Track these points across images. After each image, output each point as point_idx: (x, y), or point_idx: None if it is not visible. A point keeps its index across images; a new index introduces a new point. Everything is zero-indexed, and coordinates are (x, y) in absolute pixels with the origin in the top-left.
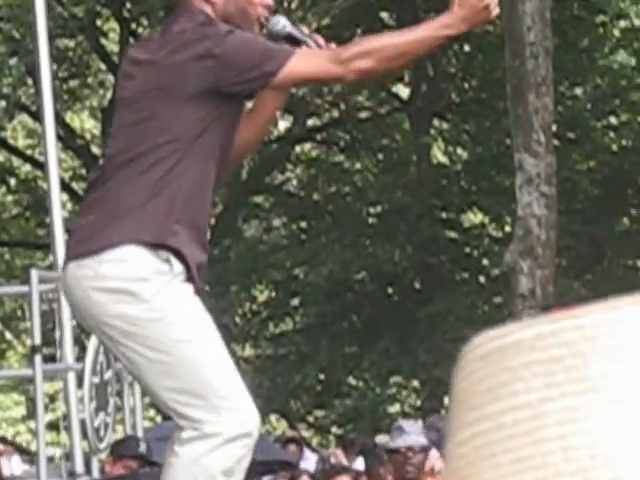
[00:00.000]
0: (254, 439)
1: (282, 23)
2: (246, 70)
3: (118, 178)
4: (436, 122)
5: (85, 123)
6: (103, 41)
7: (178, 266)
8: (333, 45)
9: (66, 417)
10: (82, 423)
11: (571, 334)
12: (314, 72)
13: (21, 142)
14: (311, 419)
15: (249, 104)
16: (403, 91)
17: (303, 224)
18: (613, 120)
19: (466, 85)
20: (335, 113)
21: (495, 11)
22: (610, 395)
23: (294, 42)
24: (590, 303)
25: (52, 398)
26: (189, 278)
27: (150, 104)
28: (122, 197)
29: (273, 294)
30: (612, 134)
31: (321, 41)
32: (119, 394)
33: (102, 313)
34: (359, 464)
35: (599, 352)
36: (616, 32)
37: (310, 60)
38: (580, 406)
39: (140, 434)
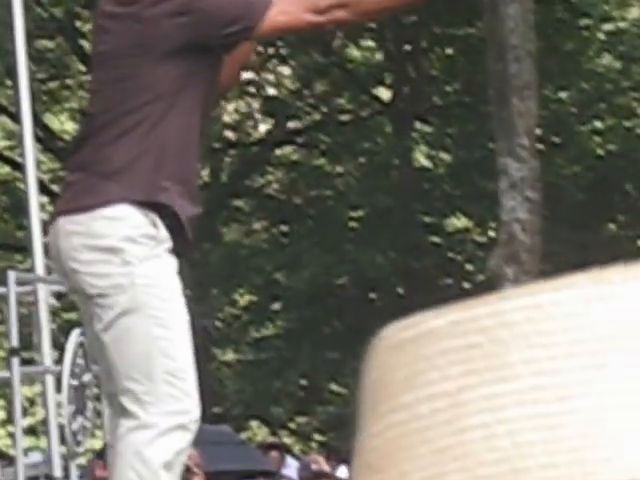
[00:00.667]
0: (192, 433)
1: None
2: (225, 25)
3: (104, 137)
4: (418, 125)
5: (65, 125)
6: (82, 42)
7: (163, 231)
8: None
9: (44, 421)
10: (61, 427)
11: (488, 320)
12: (292, 22)
13: (0, 143)
14: (293, 426)
15: None
16: (385, 94)
17: (284, 228)
18: (598, 124)
19: (449, 88)
20: (316, 116)
21: None
22: (531, 382)
23: None
24: None
25: (31, 402)
26: (177, 239)
27: (128, 61)
28: (110, 156)
29: (254, 298)
30: (597, 138)
31: None
32: (98, 398)
33: (87, 271)
34: (342, 472)
35: (518, 338)
36: (601, 35)
37: (288, 10)
38: (501, 393)
39: None
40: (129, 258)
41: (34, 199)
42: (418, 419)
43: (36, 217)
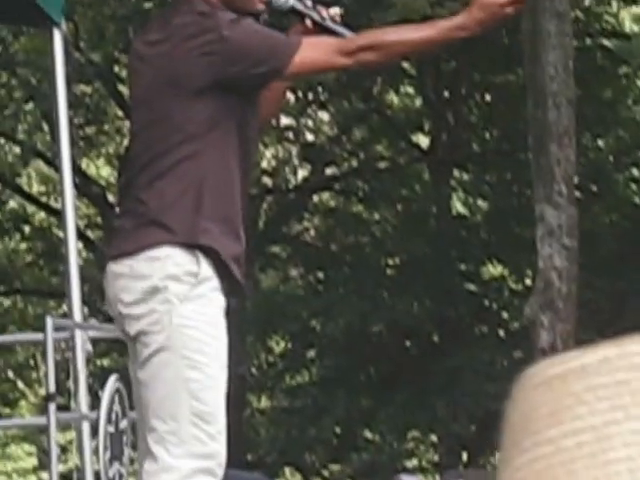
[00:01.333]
0: (218, 478)
1: None
2: (252, 66)
3: (142, 181)
4: (456, 173)
5: (101, 170)
6: (120, 87)
7: (207, 269)
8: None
9: (79, 469)
10: (96, 475)
11: (638, 357)
12: (321, 64)
13: (35, 188)
14: (326, 473)
15: None
16: (423, 141)
17: (320, 275)
18: (635, 172)
19: (487, 135)
20: (354, 163)
21: (511, 9)
22: None
23: (298, 15)
24: None
25: (64, 449)
26: (223, 279)
27: (161, 103)
28: (148, 200)
29: (289, 345)
30: (634, 187)
31: (325, 13)
32: (134, 446)
33: (131, 311)
34: None
35: None
36: (639, 83)
37: (316, 52)
38: None
39: None
40: (170, 297)
41: (72, 245)
42: (563, 452)
43: (74, 263)
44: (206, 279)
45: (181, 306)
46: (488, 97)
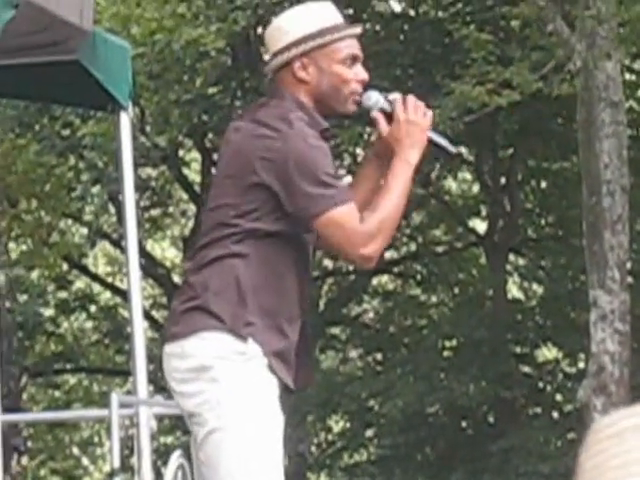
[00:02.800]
0: None
1: (374, 99)
2: (290, 195)
3: (195, 265)
4: (512, 257)
5: (166, 252)
6: (185, 171)
7: (255, 347)
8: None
9: None
10: None
11: None
12: (343, 237)
13: (101, 269)
14: None
15: None
16: (480, 226)
17: (379, 356)
18: None
19: (542, 221)
20: (412, 246)
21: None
22: None
23: (386, 115)
24: None
25: None
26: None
27: (221, 191)
28: (197, 286)
29: (348, 424)
30: None
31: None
32: None
33: (182, 390)
34: None
35: None
36: None
37: (351, 221)
38: None
39: None
40: (217, 375)
41: (138, 324)
42: None
43: (140, 341)
44: (254, 357)
45: (228, 384)
46: (544, 184)
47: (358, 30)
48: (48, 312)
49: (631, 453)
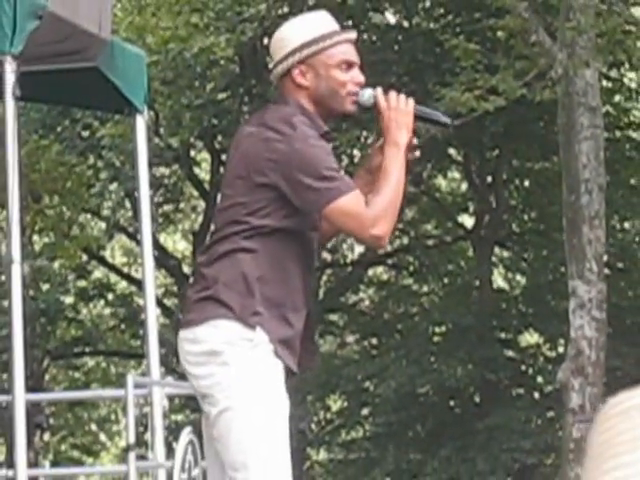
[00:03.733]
0: None
1: (367, 95)
2: (297, 192)
3: (207, 258)
4: (497, 250)
5: (177, 244)
6: (196, 170)
7: (262, 335)
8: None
9: None
10: None
11: None
12: (356, 227)
13: (118, 260)
14: None
15: None
16: (468, 221)
17: (374, 341)
18: None
19: (526, 217)
20: (405, 240)
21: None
22: None
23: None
24: None
25: None
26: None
27: (232, 191)
28: (209, 277)
29: (345, 404)
30: None
31: (388, 97)
32: None
33: (195, 373)
34: None
35: None
36: None
37: (358, 206)
38: None
39: None
40: (227, 360)
41: (151, 311)
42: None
43: (153, 327)
44: (261, 343)
45: (237, 367)
46: (527, 182)
47: (352, 35)
48: (68, 300)
49: (637, 429)
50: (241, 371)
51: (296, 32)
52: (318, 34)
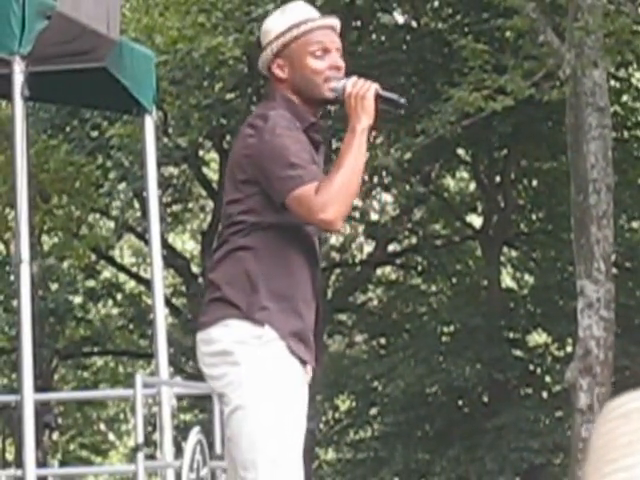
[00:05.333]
0: None
1: (340, 84)
2: (269, 183)
3: (215, 261)
4: (506, 250)
5: (186, 244)
6: (204, 170)
7: (271, 331)
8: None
9: None
10: None
11: None
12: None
13: (127, 260)
14: None
15: None
16: (476, 221)
17: (382, 340)
18: None
19: (534, 217)
20: (413, 240)
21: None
22: None
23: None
24: None
25: None
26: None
27: (226, 194)
28: (216, 278)
29: (354, 404)
30: None
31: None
32: None
33: (209, 373)
34: None
35: None
36: None
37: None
38: None
39: None
40: (238, 359)
41: (160, 311)
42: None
43: (161, 327)
44: (271, 340)
45: (248, 366)
46: (535, 182)
47: (327, 21)
48: (77, 299)
49: (637, 432)
50: (251, 370)
51: (271, 25)
52: (289, 24)
